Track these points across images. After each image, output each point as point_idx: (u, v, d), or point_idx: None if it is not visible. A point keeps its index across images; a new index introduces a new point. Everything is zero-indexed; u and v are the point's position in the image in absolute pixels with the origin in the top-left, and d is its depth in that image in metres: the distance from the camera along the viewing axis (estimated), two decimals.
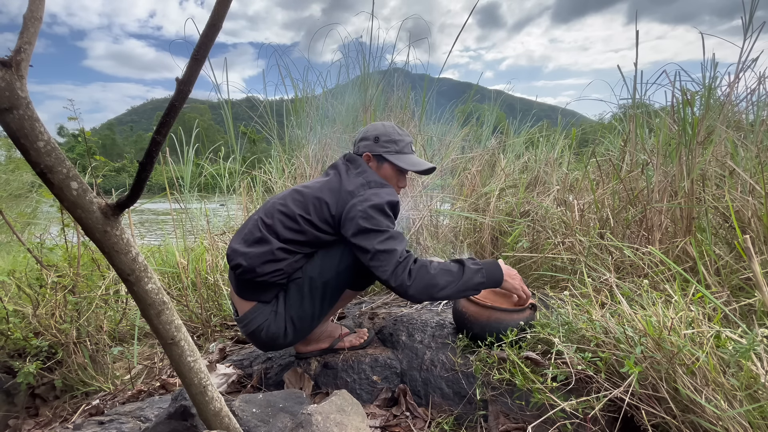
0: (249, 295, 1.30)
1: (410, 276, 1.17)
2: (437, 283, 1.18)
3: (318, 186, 1.33)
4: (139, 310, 0.74)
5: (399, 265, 1.17)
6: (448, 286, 1.19)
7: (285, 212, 1.28)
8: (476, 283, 1.21)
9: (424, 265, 1.19)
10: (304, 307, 1.29)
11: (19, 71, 0.55)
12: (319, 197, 1.29)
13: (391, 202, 1.27)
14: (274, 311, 1.30)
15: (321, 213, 1.27)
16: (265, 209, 1.32)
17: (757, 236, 1.53)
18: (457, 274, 1.20)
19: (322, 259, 1.30)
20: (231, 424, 0.85)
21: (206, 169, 3.09)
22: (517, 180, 2.88)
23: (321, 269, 1.29)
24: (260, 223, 1.29)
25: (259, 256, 1.24)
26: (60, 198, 0.62)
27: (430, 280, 1.17)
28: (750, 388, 0.84)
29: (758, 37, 1.78)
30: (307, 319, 1.31)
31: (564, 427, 0.98)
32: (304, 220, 1.27)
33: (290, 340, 1.33)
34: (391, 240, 1.20)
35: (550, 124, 4.03)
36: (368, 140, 1.42)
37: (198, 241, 2.71)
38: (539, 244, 2.28)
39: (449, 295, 1.20)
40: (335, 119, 2.99)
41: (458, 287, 1.19)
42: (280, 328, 1.29)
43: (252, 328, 1.29)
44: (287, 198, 1.32)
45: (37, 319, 1.59)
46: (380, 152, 1.40)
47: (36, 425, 1.48)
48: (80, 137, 1.68)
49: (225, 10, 0.56)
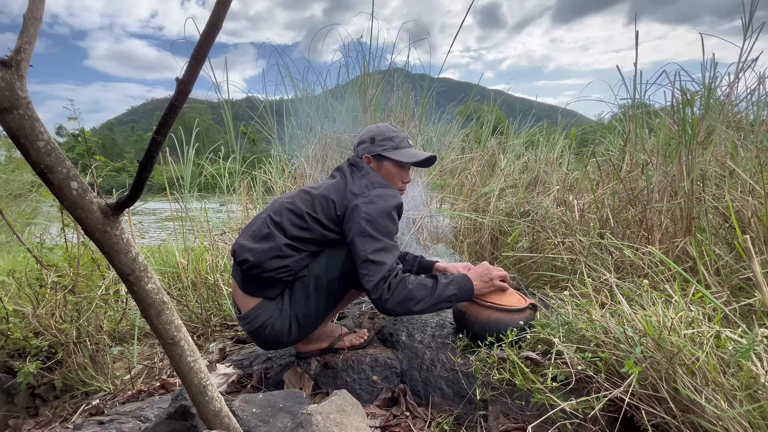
0: (254, 291, 1.30)
1: (389, 290, 1.21)
2: (414, 296, 1.22)
3: (325, 186, 1.38)
4: (139, 310, 0.74)
5: (383, 280, 1.21)
6: (423, 300, 1.23)
7: (293, 210, 1.32)
8: (449, 295, 1.26)
9: (403, 279, 1.23)
10: (309, 305, 1.31)
11: (19, 71, 0.55)
12: (325, 196, 1.33)
13: (396, 206, 1.31)
14: (279, 308, 1.30)
15: (327, 211, 1.31)
16: (274, 208, 1.35)
17: (757, 236, 1.53)
18: (431, 289, 1.25)
19: (328, 257, 1.32)
20: (231, 424, 0.85)
21: (206, 169, 3.09)
22: (517, 180, 2.88)
23: (327, 268, 1.31)
24: (269, 220, 1.31)
25: (266, 252, 1.26)
26: (60, 198, 0.62)
27: (407, 294, 1.21)
28: (750, 388, 0.84)
29: (758, 37, 1.79)
30: (311, 317, 1.32)
31: (564, 427, 0.98)
32: (311, 217, 1.30)
33: (294, 338, 1.33)
34: (384, 252, 1.23)
35: (550, 124, 4.03)
36: (365, 143, 1.46)
37: (198, 241, 2.71)
38: (539, 244, 2.28)
39: (424, 308, 1.24)
40: (335, 119, 2.99)
41: (432, 300, 1.24)
42: (285, 326, 1.30)
43: (256, 325, 1.30)
44: (295, 197, 1.36)
45: (37, 319, 1.59)
46: (378, 151, 1.43)
47: (36, 425, 1.48)
48: (80, 137, 1.68)
49: (225, 10, 0.56)
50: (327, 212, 1.31)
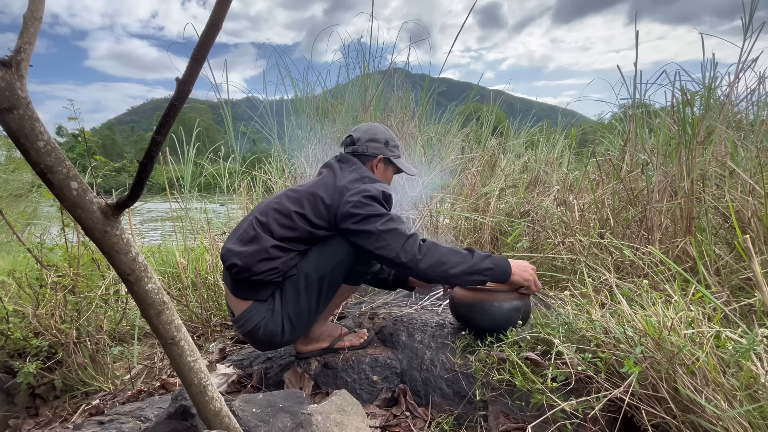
0: (245, 294, 1.30)
1: (420, 251, 1.19)
2: (447, 260, 1.19)
3: (312, 183, 1.37)
4: (139, 310, 0.74)
5: (407, 241, 1.19)
6: (457, 266, 1.20)
7: (279, 210, 1.30)
8: (485, 268, 1.21)
9: (434, 243, 1.22)
10: (300, 303, 1.30)
11: (19, 71, 0.55)
12: (312, 192, 1.31)
13: (385, 193, 1.30)
14: (270, 309, 1.29)
15: (315, 207, 1.29)
16: (260, 209, 1.34)
17: (757, 236, 1.53)
18: (466, 256, 1.22)
19: (317, 254, 1.31)
20: (231, 424, 0.85)
21: (206, 169, 3.09)
22: (517, 180, 2.88)
23: (316, 264, 1.30)
24: (255, 222, 1.30)
25: (254, 255, 1.24)
26: (60, 198, 0.62)
27: (440, 257, 1.19)
28: (750, 388, 0.84)
29: (758, 37, 1.79)
30: (303, 315, 1.31)
31: (564, 427, 0.98)
32: (298, 215, 1.28)
33: (288, 338, 1.33)
34: (392, 221, 1.23)
35: (550, 124, 4.03)
36: (378, 143, 1.47)
37: (198, 241, 2.71)
38: (539, 244, 2.28)
39: (458, 274, 1.20)
40: (335, 119, 2.99)
41: (466, 268, 1.20)
42: (278, 326, 1.29)
43: (249, 328, 1.29)
44: (282, 197, 1.35)
45: (37, 319, 1.59)
46: (390, 156, 1.48)
47: (36, 425, 1.48)
48: (80, 137, 1.68)
49: (225, 10, 0.56)
50: (315, 208, 1.29)
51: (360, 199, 1.25)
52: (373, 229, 1.21)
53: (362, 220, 1.23)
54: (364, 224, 1.22)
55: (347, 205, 1.25)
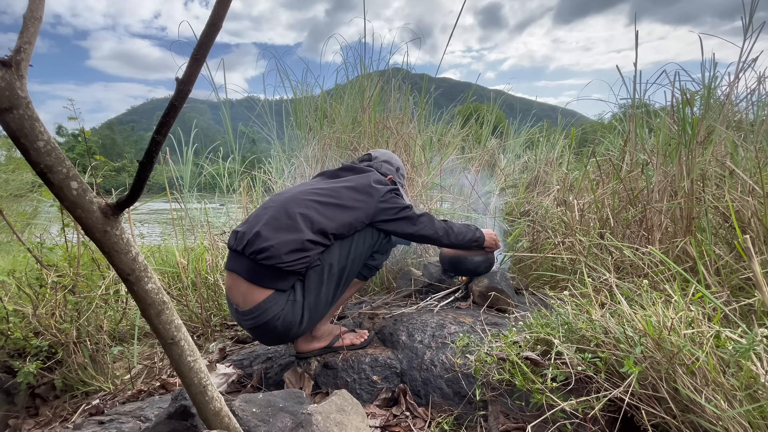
0: (266, 282, 1.27)
1: (446, 227, 1.57)
2: (460, 231, 1.61)
3: (343, 181, 1.50)
4: (139, 309, 0.74)
5: (435, 222, 1.54)
6: (467, 235, 1.63)
7: (323, 202, 1.37)
8: (478, 236, 1.66)
9: (445, 220, 1.61)
10: (321, 293, 1.32)
11: (19, 71, 0.55)
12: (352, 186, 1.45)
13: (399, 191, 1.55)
14: (291, 300, 1.29)
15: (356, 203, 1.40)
16: (291, 200, 1.35)
17: (757, 236, 1.53)
18: (469, 228, 1.66)
19: (339, 246, 1.35)
20: (231, 424, 0.85)
21: (206, 169, 3.09)
22: (517, 180, 2.88)
23: (339, 255, 1.35)
24: (291, 213, 1.31)
25: (287, 244, 1.25)
26: (60, 198, 0.62)
27: (458, 231, 1.60)
28: (750, 388, 0.84)
29: (758, 38, 1.79)
30: (321, 306, 1.34)
31: (564, 427, 0.98)
32: (341, 209, 1.37)
33: (303, 329, 1.33)
34: (415, 208, 1.53)
35: (550, 124, 4.03)
36: (392, 166, 1.73)
37: (198, 241, 2.71)
38: (539, 244, 2.29)
39: (467, 241, 1.63)
40: (334, 119, 2.99)
41: (471, 236, 1.64)
42: (297, 316, 1.29)
43: (266, 318, 1.26)
44: (315, 192, 1.39)
45: (37, 318, 1.59)
46: (397, 180, 1.72)
47: (36, 425, 1.48)
48: (80, 137, 1.68)
49: (225, 10, 0.56)
50: (357, 204, 1.40)
51: (392, 195, 1.48)
52: (410, 215, 1.48)
53: (400, 210, 1.46)
54: (402, 213, 1.46)
55: (382, 202, 1.43)
